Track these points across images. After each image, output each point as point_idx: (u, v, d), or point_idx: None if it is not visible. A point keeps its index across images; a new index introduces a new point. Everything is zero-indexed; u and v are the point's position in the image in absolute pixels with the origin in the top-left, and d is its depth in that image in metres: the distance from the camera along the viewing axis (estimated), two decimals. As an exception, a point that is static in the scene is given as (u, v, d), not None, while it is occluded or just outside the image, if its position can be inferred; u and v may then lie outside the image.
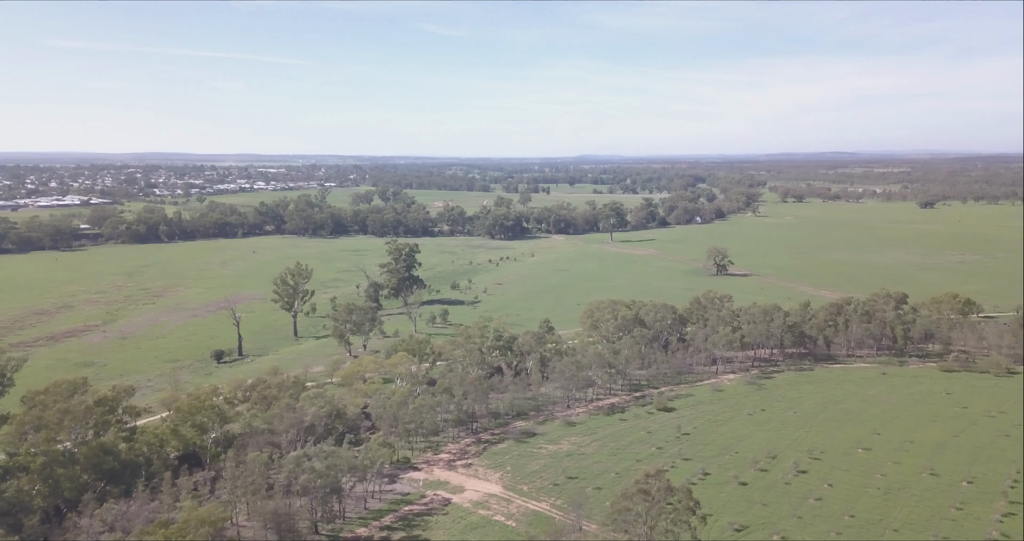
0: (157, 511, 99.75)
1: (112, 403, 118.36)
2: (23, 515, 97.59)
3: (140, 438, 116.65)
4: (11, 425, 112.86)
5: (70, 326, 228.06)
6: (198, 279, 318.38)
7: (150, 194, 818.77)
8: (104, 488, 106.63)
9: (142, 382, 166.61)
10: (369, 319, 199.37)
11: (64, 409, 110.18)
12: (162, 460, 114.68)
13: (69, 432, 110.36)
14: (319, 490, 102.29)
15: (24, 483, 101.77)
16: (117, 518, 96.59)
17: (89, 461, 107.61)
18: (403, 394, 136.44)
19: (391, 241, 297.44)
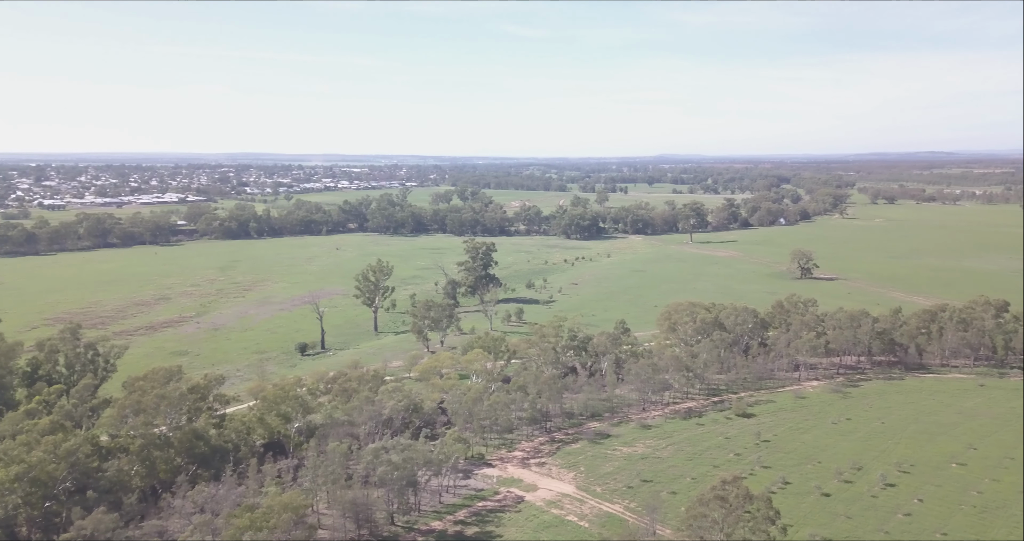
0: (243, 495, 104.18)
1: (204, 391, 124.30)
2: (122, 494, 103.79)
3: (229, 425, 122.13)
4: (113, 408, 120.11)
5: (167, 317, 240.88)
6: (285, 274, 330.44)
7: (241, 192, 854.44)
8: (195, 471, 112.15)
9: (231, 372, 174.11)
10: (446, 316, 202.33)
11: (160, 395, 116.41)
12: (249, 447, 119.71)
13: (165, 417, 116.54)
14: (396, 482, 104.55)
15: (124, 463, 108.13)
16: (207, 500, 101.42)
17: (182, 445, 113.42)
18: (478, 391, 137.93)
19: (468, 240, 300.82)
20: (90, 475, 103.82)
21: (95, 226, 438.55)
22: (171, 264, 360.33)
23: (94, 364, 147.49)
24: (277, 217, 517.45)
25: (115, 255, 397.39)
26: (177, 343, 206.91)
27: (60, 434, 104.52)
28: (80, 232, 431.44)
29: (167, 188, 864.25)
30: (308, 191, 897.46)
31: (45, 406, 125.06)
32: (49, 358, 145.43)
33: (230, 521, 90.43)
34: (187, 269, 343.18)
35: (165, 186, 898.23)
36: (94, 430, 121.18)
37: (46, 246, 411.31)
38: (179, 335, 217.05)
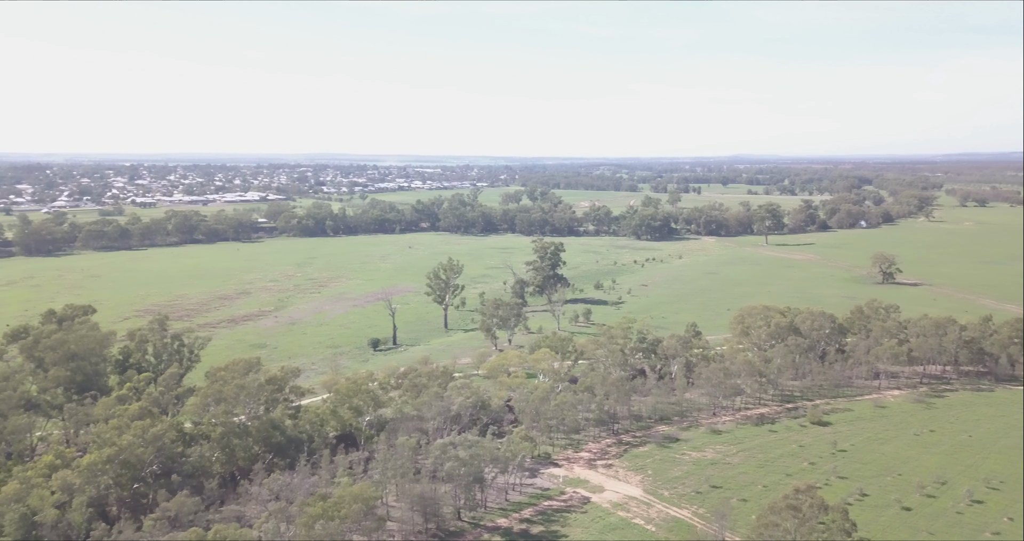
0: (316, 485, 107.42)
1: (280, 382, 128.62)
2: (204, 478, 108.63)
3: (304, 416, 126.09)
4: (197, 397, 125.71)
5: (247, 311, 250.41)
6: (359, 271, 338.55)
7: (319, 191, 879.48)
8: (272, 460, 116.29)
9: (307, 365, 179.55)
10: (514, 315, 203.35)
11: (240, 385, 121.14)
12: (322, 438, 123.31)
13: (244, 406, 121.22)
14: (463, 478, 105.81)
15: (205, 450, 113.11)
16: (282, 488, 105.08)
17: (260, 434, 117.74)
18: (545, 390, 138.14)
19: (537, 239, 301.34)
20: (175, 460, 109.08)
21: (182, 223, 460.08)
22: (252, 260, 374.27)
23: (180, 354, 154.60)
24: (352, 216, 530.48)
25: (200, 251, 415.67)
26: (256, 336, 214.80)
27: (148, 420, 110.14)
28: (169, 228, 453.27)
29: (249, 187, 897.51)
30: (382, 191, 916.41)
31: (135, 393, 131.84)
32: (139, 347, 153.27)
33: (304, 509, 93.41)
34: (267, 265, 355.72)
35: (247, 185, 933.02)
36: (179, 417, 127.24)
37: (138, 241, 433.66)
38: (258, 328, 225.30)
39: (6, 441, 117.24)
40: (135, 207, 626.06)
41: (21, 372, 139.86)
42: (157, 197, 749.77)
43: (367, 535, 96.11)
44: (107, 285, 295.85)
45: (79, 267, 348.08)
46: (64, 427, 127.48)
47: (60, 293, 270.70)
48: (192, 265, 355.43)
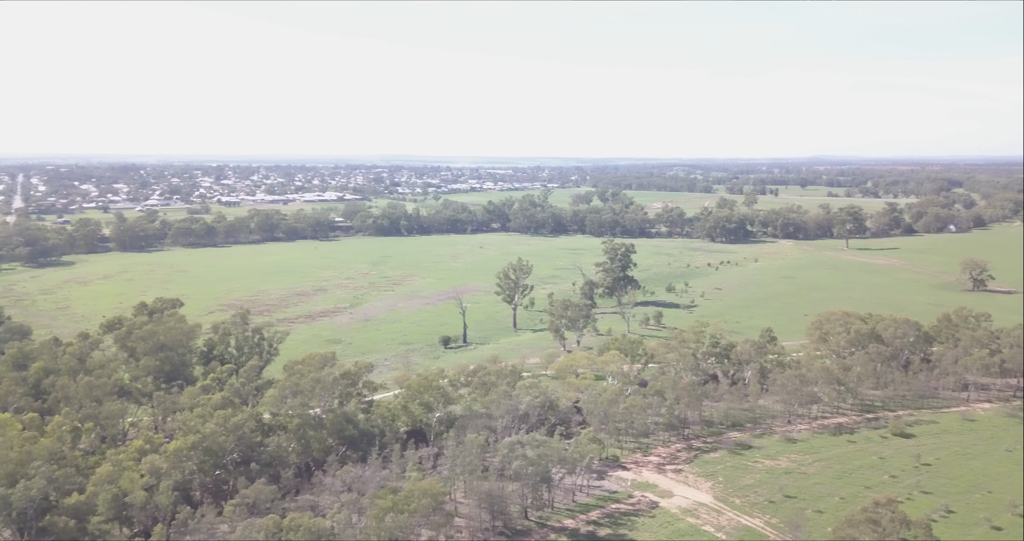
0: (387, 478, 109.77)
1: (354, 377, 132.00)
2: (281, 468, 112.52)
3: (376, 411, 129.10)
4: (275, 389, 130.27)
5: (324, 307, 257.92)
6: (431, 270, 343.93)
7: (394, 192, 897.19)
8: (345, 452, 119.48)
9: (379, 361, 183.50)
10: (583, 316, 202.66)
11: (316, 379, 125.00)
12: (393, 433, 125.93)
13: (319, 399, 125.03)
14: (530, 477, 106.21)
15: (282, 440, 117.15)
16: (354, 480, 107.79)
17: (334, 426, 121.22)
18: (614, 392, 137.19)
19: (607, 241, 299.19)
20: (254, 448, 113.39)
21: (264, 221, 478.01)
22: (329, 258, 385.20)
23: (260, 347, 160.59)
24: (426, 216, 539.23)
25: (280, 248, 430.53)
26: (332, 331, 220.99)
27: (230, 409, 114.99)
28: (251, 226, 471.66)
29: (327, 187, 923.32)
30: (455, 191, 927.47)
31: (218, 383, 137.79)
32: (222, 340, 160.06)
33: (374, 501, 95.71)
34: (343, 263, 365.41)
35: (325, 185, 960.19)
36: (258, 408, 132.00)
37: (222, 238, 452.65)
38: (334, 324, 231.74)
39: (101, 425, 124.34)
40: (220, 206, 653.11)
41: (115, 361, 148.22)
42: (241, 196, 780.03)
43: (435, 530, 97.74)
44: (194, 280, 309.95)
45: (169, 262, 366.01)
46: (153, 414, 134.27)
47: (151, 287, 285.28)
48: (272, 262, 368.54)
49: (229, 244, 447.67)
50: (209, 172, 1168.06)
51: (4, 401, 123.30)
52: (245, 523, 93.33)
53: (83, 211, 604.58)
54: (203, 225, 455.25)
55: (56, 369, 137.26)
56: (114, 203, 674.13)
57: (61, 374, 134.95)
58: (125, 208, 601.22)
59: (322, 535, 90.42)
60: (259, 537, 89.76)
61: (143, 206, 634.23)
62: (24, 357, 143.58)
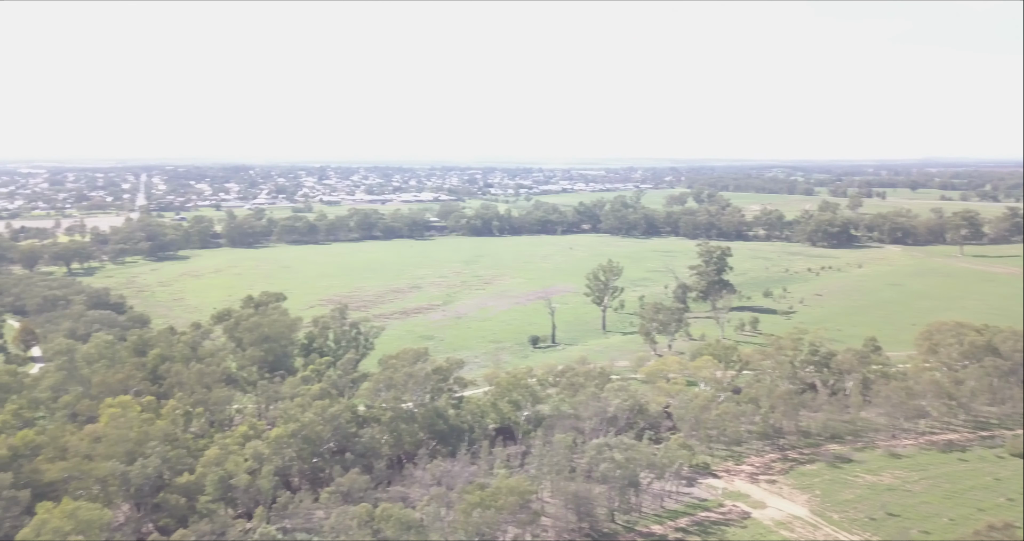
0: (475, 474, 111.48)
1: (446, 373, 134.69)
2: (374, 459, 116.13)
3: (465, 407, 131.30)
4: (370, 382, 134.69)
5: (418, 304, 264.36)
6: (521, 270, 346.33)
7: (487, 193, 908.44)
8: (435, 447, 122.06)
9: (470, 358, 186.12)
10: (675, 320, 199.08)
11: (409, 373, 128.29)
12: (482, 429, 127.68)
13: (411, 393, 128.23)
14: (618, 480, 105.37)
15: (376, 432, 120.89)
16: (443, 474, 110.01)
17: (425, 421, 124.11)
18: (706, 398, 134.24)
19: (702, 243, 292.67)
20: (349, 439, 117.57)
21: (363, 220, 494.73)
22: (423, 256, 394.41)
23: (356, 341, 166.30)
24: (517, 216, 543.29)
25: (378, 246, 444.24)
26: (425, 328, 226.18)
27: (327, 400, 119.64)
28: (351, 225, 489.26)
29: (423, 188, 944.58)
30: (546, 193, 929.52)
31: (316, 375, 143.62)
32: (322, 333, 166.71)
33: (463, 496, 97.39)
34: (436, 262, 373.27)
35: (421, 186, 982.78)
36: (353, 399, 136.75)
37: (324, 236, 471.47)
38: (427, 321, 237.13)
39: (210, 410, 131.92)
40: (322, 205, 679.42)
41: (224, 350, 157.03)
42: (341, 196, 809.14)
43: (521, 528, 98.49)
44: (296, 275, 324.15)
45: (274, 258, 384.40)
46: (257, 402, 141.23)
47: (257, 281, 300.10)
48: (370, 260, 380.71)
49: (330, 241, 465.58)
50: (312, 173, 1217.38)
51: (125, 384, 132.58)
52: (339, 510, 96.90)
53: (197, 209, 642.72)
54: (306, 223, 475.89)
55: (171, 356, 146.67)
56: (225, 201, 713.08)
57: (175, 361, 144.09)
58: (235, 206, 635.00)
59: (412, 526, 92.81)
60: (352, 524, 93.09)
61: (251, 205, 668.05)
62: (143, 344, 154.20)
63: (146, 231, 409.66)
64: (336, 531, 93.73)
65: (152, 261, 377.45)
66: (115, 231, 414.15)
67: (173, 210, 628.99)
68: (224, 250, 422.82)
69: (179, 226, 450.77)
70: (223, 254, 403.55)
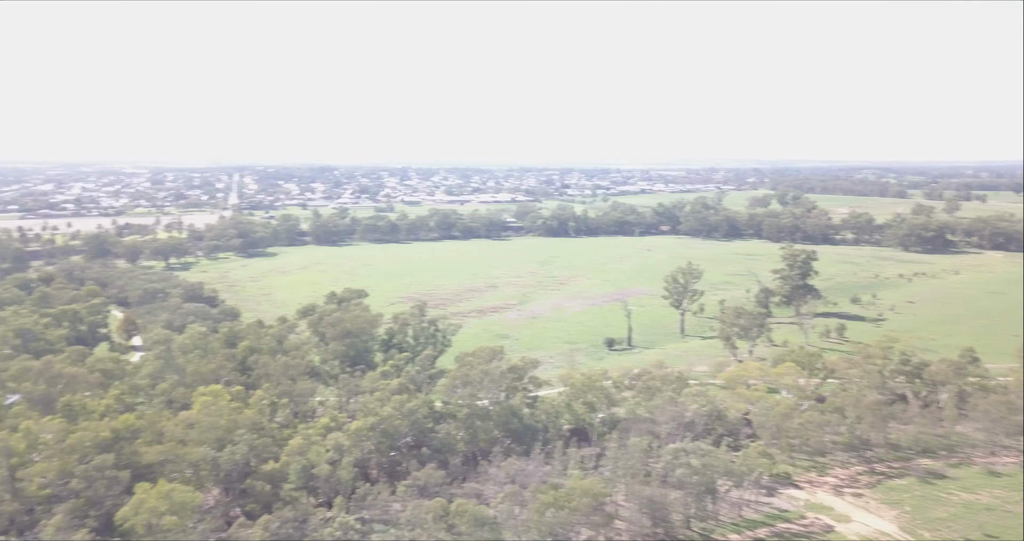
0: (549, 474, 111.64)
1: (520, 372, 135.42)
2: (449, 455, 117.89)
3: (540, 406, 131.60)
4: (447, 379, 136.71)
5: (494, 303, 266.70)
6: (597, 271, 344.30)
7: (563, 194, 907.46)
8: (509, 445, 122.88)
9: (544, 358, 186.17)
10: (757, 325, 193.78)
11: (485, 371, 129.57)
12: (556, 429, 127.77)
13: (487, 391, 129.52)
14: (694, 486, 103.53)
15: (452, 428, 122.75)
16: (517, 473, 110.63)
17: (499, 418, 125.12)
18: (788, 406, 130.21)
19: (786, 246, 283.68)
20: (425, 434, 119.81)
21: (442, 220, 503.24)
22: (500, 256, 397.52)
23: (434, 338, 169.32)
24: (594, 217, 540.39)
25: (456, 246, 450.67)
26: (500, 327, 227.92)
27: (405, 395, 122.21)
28: (430, 225, 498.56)
29: (500, 189, 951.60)
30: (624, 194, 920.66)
31: (395, 370, 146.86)
32: (401, 330, 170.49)
33: (536, 495, 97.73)
34: (512, 262, 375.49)
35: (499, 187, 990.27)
36: (431, 395, 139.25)
37: (404, 235, 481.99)
38: (502, 320, 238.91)
39: (294, 402, 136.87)
40: (403, 205, 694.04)
41: (308, 344, 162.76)
42: (422, 196, 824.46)
43: (595, 529, 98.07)
44: (378, 273, 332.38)
45: (356, 256, 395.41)
46: (338, 394, 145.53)
47: (340, 278, 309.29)
48: (448, 259, 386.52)
49: (410, 241, 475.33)
50: (394, 173, 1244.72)
51: (217, 374, 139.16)
52: (415, 503, 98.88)
53: (285, 207, 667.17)
54: (387, 223, 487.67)
55: (259, 348, 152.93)
56: (311, 201, 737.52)
57: (263, 353, 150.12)
58: (320, 206, 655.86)
59: (485, 523, 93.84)
60: (427, 518, 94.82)
61: (336, 204, 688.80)
62: (234, 336, 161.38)
63: (238, 229, 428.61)
64: (412, 524, 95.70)
65: (243, 257, 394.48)
66: (209, 228, 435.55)
67: (263, 209, 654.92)
68: (310, 247, 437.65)
69: (268, 224, 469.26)
70: (309, 251, 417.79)
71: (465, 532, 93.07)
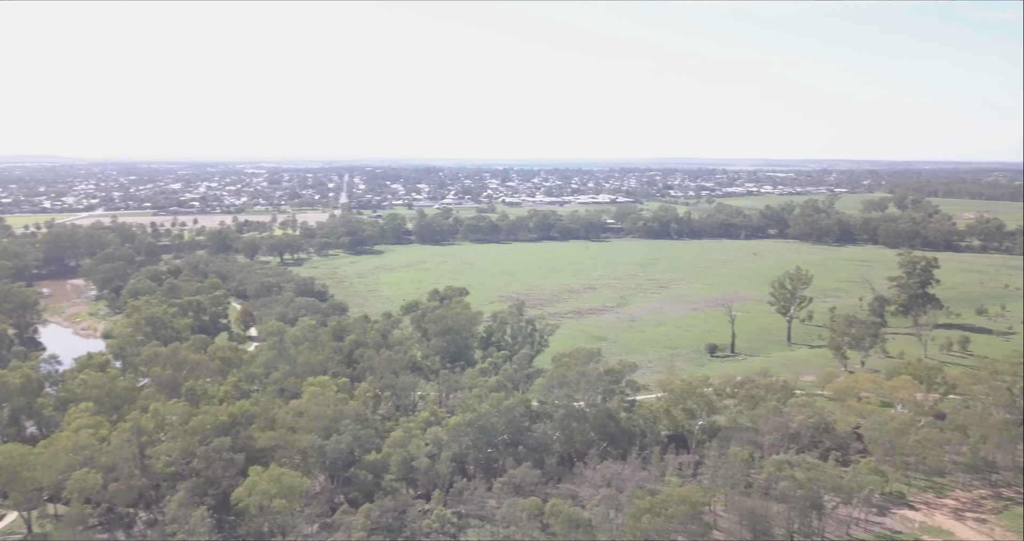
0: (645, 480, 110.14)
1: (618, 375, 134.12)
2: (545, 454, 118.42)
3: (637, 411, 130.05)
4: (543, 378, 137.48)
5: (591, 305, 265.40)
6: (700, 275, 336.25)
7: (666, 195, 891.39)
8: (605, 448, 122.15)
9: (643, 362, 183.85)
10: (870, 334, 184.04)
11: (582, 372, 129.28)
12: (653, 435, 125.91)
13: (583, 393, 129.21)
14: (798, 501, 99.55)
15: (548, 428, 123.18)
16: (613, 476, 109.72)
17: (596, 421, 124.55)
18: (903, 422, 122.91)
19: (904, 253, 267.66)
20: (522, 432, 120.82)
21: (541, 221, 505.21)
22: (599, 258, 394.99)
23: (532, 338, 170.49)
24: (697, 219, 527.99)
25: (555, 247, 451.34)
26: (598, 329, 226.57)
27: (503, 393, 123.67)
28: (530, 225, 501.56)
29: (601, 190, 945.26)
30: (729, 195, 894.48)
31: (493, 367, 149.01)
32: (499, 328, 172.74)
33: (632, 500, 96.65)
34: (612, 263, 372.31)
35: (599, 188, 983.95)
36: (527, 394, 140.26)
37: (504, 236, 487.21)
38: (600, 322, 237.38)
39: (396, 395, 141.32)
40: (504, 206, 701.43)
41: (410, 339, 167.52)
42: (522, 197, 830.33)
43: (691, 538, 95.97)
44: (478, 272, 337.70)
45: (458, 255, 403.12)
46: (438, 390, 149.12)
47: (443, 276, 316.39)
48: (547, 259, 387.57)
49: (510, 241, 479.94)
50: (496, 175, 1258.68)
51: (325, 365, 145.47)
52: (510, 501, 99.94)
53: (392, 207, 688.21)
54: (489, 223, 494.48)
55: (365, 342, 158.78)
56: (416, 201, 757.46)
57: (368, 347, 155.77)
58: (425, 206, 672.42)
59: (580, 524, 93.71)
60: (522, 516, 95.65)
61: (440, 204, 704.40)
62: (341, 330, 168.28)
63: (347, 227, 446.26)
64: (507, 521, 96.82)
65: (351, 254, 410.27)
66: (321, 226, 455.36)
67: (370, 208, 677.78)
68: (414, 246, 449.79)
69: (376, 223, 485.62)
70: (413, 250, 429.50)
71: (559, 532, 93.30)
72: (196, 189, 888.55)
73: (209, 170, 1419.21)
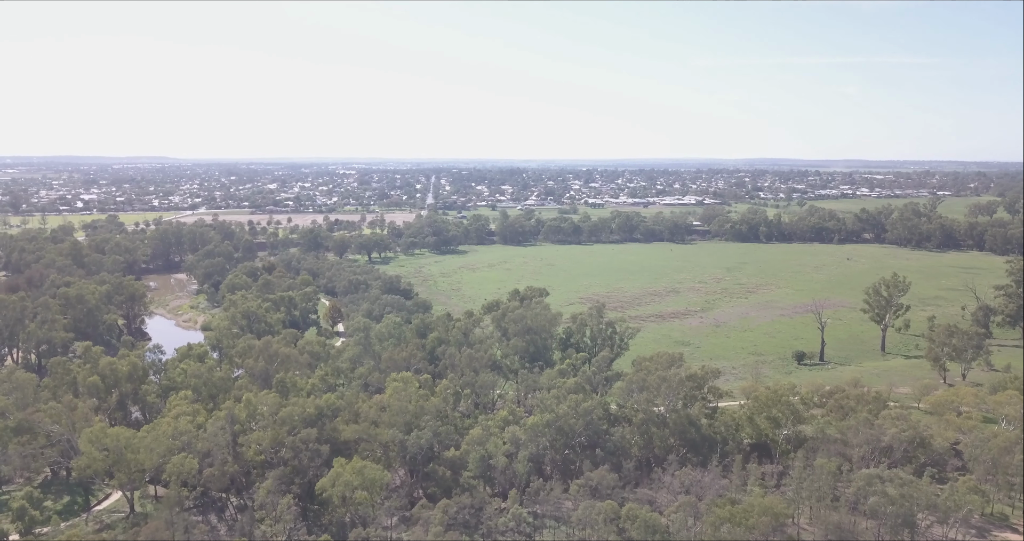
0: (726, 488, 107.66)
1: (700, 381, 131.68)
2: (623, 458, 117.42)
3: (719, 418, 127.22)
4: (623, 382, 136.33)
5: (675, 308, 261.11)
6: (789, 280, 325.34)
7: (755, 197, 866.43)
8: (685, 454, 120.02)
9: (727, 368, 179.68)
10: (973, 346, 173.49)
11: (663, 377, 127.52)
12: (736, 443, 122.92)
13: (664, 398, 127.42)
14: (889, 517, 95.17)
15: (626, 432, 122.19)
16: (692, 484, 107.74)
17: (676, 427, 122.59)
18: (1009, 439, 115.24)
19: (1014, 260, 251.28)
20: (599, 435, 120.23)
21: (625, 223, 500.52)
22: (683, 261, 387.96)
23: (612, 340, 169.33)
24: (787, 222, 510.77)
25: (638, 249, 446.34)
26: (681, 333, 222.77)
27: (581, 395, 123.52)
28: (612, 227, 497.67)
29: (687, 191, 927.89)
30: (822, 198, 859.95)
31: (572, 369, 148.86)
32: (579, 330, 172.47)
33: (712, 509, 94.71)
34: (697, 266, 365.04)
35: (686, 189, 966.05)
36: (606, 397, 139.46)
37: (586, 237, 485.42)
38: (683, 326, 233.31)
39: (476, 393, 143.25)
40: (587, 207, 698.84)
41: (491, 338, 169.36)
42: (605, 199, 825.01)
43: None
44: (559, 273, 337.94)
45: (540, 256, 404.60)
46: (517, 389, 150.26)
47: (524, 277, 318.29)
48: (630, 261, 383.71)
49: (592, 242, 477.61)
50: (579, 176, 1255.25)
51: (408, 362, 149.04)
52: (586, 504, 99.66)
53: (476, 208, 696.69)
54: (570, 224, 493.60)
55: (447, 340, 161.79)
56: (500, 202, 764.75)
57: (450, 345, 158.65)
58: (508, 207, 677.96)
59: (657, 530, 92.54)
60: (598, 519, 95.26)
61: (522, 205, 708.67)
62: (425, 327, 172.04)
63: (433, 227, 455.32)
64: (583, 523, 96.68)
65: (436, 254, 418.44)
66: (407, 226, 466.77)
67: (455, 209, 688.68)
68: (497, 246, 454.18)
69: (460, 224, 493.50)
70: (496, 250, 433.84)
71: (636, 537, 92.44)
72: (291, 189, 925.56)
73: (303, 171, 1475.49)
